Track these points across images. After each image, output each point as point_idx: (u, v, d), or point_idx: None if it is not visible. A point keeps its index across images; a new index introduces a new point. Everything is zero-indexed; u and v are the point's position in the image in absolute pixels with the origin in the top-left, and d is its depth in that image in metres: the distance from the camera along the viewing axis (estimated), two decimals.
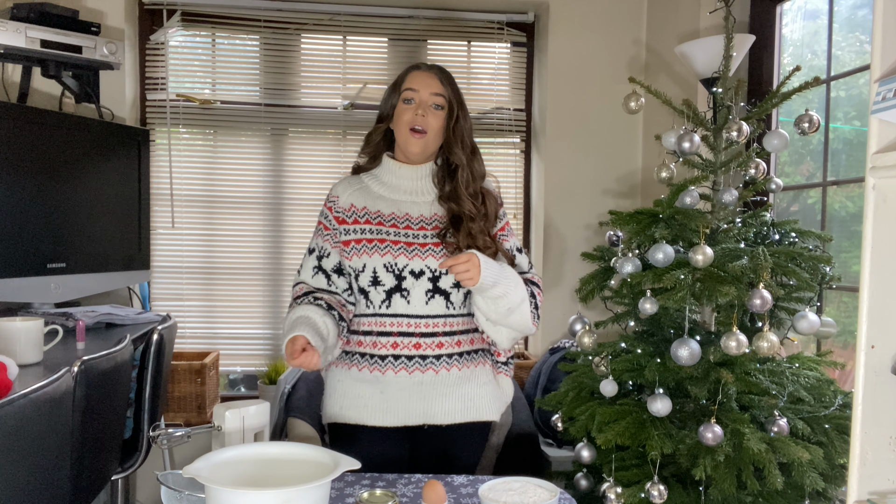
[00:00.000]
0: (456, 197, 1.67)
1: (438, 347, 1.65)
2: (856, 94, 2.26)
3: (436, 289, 1.64)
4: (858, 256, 1.04)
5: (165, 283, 3.17)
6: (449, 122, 1.68)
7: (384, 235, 1.66)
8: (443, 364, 1.66)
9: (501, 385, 1.78)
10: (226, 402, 1.51)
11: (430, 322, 1.65)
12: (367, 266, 1.64)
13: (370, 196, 1.72)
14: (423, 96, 1.67)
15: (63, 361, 1.80)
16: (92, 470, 1.78)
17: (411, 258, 1.64)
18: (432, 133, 1.67)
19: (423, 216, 1.69)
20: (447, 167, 1.72)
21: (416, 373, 1.64)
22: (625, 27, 3.19)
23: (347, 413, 1.68)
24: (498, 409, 1.76)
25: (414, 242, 1.65)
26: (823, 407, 1.84)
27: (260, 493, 1.00)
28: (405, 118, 1.66)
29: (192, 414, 2.90)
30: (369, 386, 1.66)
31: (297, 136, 3.23)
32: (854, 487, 1.05)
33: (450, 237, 1.66)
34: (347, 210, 1.71)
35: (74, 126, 2.58)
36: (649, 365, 1.82)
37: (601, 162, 3.21)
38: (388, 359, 1.65)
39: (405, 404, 1.65)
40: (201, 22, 3.14)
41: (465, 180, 1.69)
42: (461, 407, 1.68)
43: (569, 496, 1.38)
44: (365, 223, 1.68)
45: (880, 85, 1.01)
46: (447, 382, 1.66)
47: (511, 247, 1.75)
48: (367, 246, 1.65)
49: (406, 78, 1.70)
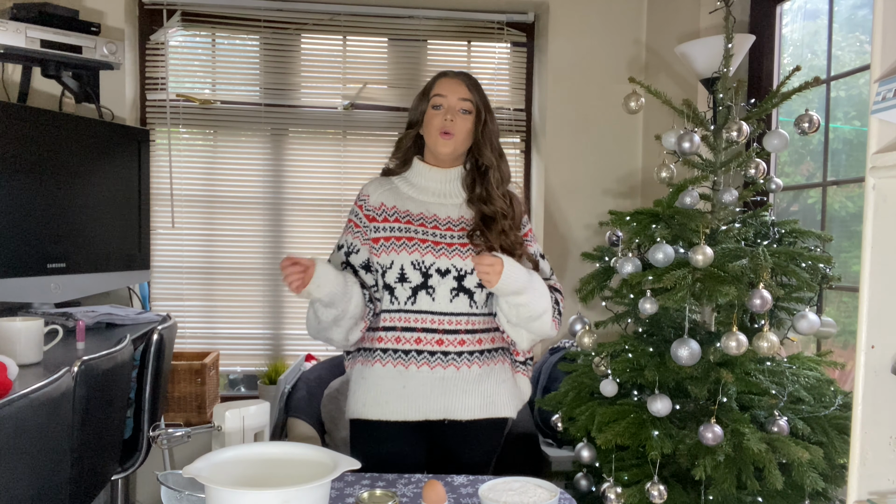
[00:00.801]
0: (488, 197, 1.74)
1: (460, 345, 1.70)
2: (856, 94, 2.26)
3: (460, 287, 1.69)
4: (858, 256, 1.04)
5: (165, 283, 3.17)
6: (477, 125, 1.76)
7: (412, 234, 1.71)
8: (464, 361, 1.70)
9: (519, 384, 1.83)
10: (226, 402, 1.51)
11: (454, 319, 1.70)
12: (394, 263, 1.69)
13: (400, 196, 1.78)
14: (452, 101, 1.73)
15: (63, 361, 1.80)
16: (92, 470, 1.78)
17: (438, 257, 1.69)
18: (460, 136, 1.73)
19: (451, 218, 1.75)
20: (476, 170, 1.78)
21: (438, 368, 1.69)
22: (625, 27, 3.19)
23: (370, 410, 1.71)
24: (515, 406, 1.80)
25: (441, 242, 1.71)
26: (823, 407, 1.84)
27: (260, 493, 1.00)
28: (435, 123, 1.73)
29: (192, 414, 2.90)
30: (391, 381, 1.70)
31: (297, 136, 3.23)
32: (854, 487, 1.05)
33: (478, 238, 1.71)
34: (377, 208, 1.76)
35: (74, 126, 2.58)
36: (649, 365, 1.82)
37: (601, 162, 3.21)
38: (412, 353, 1.69)
39: (426, 400, 1.68)
40: (201, 22, 3.14)
41: (496, 180, 1.76)
42: (480, 403, 1.71)
43: (569, 496, 1.38)
44: (394, 221, 1.73)
45: (880, 85, 1.01)
46: (468, 379, 1.70)
47: (535, 252, 1.81)
48: (395, 243, 1.70)
49: (435, 85, 1.77)
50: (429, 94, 1.76)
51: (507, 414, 1.77)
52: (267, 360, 3.21)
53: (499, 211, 1.73)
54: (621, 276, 1.92)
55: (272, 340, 3.23)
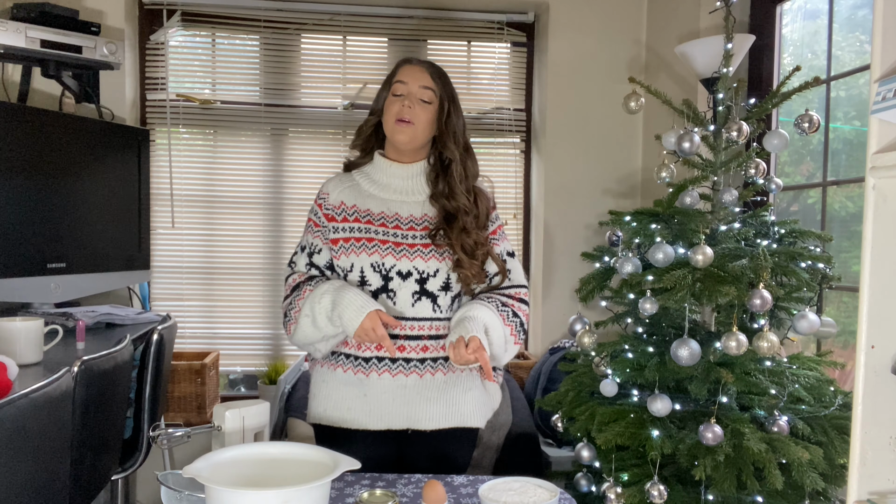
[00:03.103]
0: (450, 192, 1.66)
1: (423, 351, 1.63)
2: (856, 94, 2.26)
3: (423, 291, 1.62)
4: (858, 256, 1.04)
5: (165, 283, 3.17)
6: (440, 116, 1.67)
7: (372, 234, 1.64)
8: (427, 368, 1.63)
9: (489, 391, 1.75)
10: (226, 402, 1.51)
11: (416, 325, 1.62)
12: (354, 266, 1.63)
13: (360, 194, 1.70)
14: (412, 88, 1.64)
15: (63, 361, 1.80)
16: (92, 470, 1.78)
17: (399, 258, 1.62)
18: (420, 125, 1.64)
19: (413, 216, 1.67)
20: (440, 164, 1.70)
21: (400, 376, 1.62)
22: (625, 27, 3.19)
23: (331, 415, 1.66)
24: (484, 415, 1.72)
25: (402, 243, 1.64)
26: (823, 407, 1.84)
27: (260, 493, 1.00)
28: (393, 110, 1.64)
29: (192, 414, 2.90)
30: (353, 388, 1.64)
31: (297, 136, 3.23)
32: (854, 487, 1.05)
33: (440, 238, 1.64)
34: (337, 207, 1.69)
35: (74, 126, 2.58)
36: (649, 365, 1.82)
37: (601, 162, 3.21)
38: (372, 361, 1.63)
39: (389, 408, 1.62)
40: (201, 22, 3.14)
41: (459, 175, 1.67)
42: (445, 413, 1.64)
43: (569, 496, 1.38)
44: (354, 221, 1.66)
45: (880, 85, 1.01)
46: (431, 387, 1.64)
47: (501, 251, 1.73)
48: (354, 245, 1.64)
49: (397, 72, 1.69)
50: (391, 81, 1.68)
51: (475, 424, 1.69)
52: (267, 360, 3.21)
53: (461, 207, 1.64)
54: (621, 276, 1.92)
55: (272, 340, 3.23)
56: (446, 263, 1.63)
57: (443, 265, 1.63)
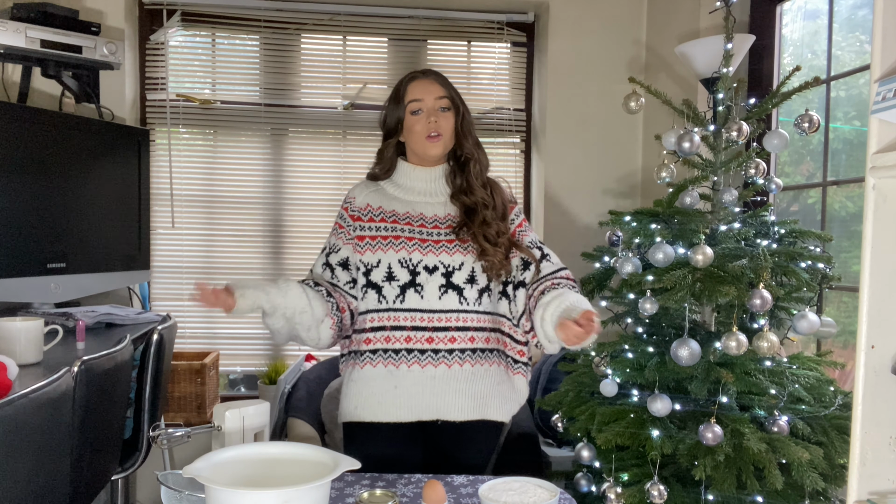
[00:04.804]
0: (468, 187, 1.74)
1: (451, 342, 1.68)
2: (856, 94, 2.26)
3: (449, 284, 1.68)
4: (858, 256, 1.04)
5: (165, 283, 3.16)
6: (457, 119, 1.76)
7: (399, 232, 1.71)
8: (455, 359, 1.69)
9: (516, 386, 1.78)
10: (226, 402, 1.51)
11: (443, 316, 1.68)
12: (381, 261, 1.69)
13: (385, 197, 1.78)
14: (430, 103, 1.72)
15: (63, 361, 1.80)
16: (92, 470, 1.78)
17: (425, 254, 1.68)
18: (447, 134, 1.73)
19: (437, 216, 1.74)
20: (457, 162, 1.78)
21: (429, 367, 1.67)
22: (625, 27, 3.18)
23: (362, 412, 1.70)
24: (509, 410, 1.76)
25: (428, 239, 1.70)
26: (823, 407, 1.84)
27: (260, 493, 1.00)
28: (418, 129, 1.71)
29: (192, 414, 2.90)
30: (383, 381, 1.68)
31: (297, 136, 3.23)
32: (854, 487, 1.05)
33: (463, 233, 1.70)
34: (363, 209, 1.76)
35: (74, 126, 2.58)
36: (649, 365, 1.82)
37: (601, 162, 3.21)
38: (402, 353, 1.68)
39: (418, 399, 1.67)
40: (201, 22, 3.14)
41: (476, 171, 1.76)
42: (472, 405, 1.69)
43: (569, 496, 1.38)
44: (380, 221, 1.74)
45: (880, 85, 1.01)
46: (460, 378, 1.69)
47: (532, 241, 1.78)
48: (381, 242, 1.70)
49: (407, 90, 1.74)
50: (403, 100, 1.73)
51: (500, 418, 1.74)
52: (267, 360, 3.21)
53: (479, 201, 1.72)
54: (621, 276, 1.92)
55: (272, 340, 3.22)
56: (471, 257, 1.70)
57: (467, 258, 1.69)
